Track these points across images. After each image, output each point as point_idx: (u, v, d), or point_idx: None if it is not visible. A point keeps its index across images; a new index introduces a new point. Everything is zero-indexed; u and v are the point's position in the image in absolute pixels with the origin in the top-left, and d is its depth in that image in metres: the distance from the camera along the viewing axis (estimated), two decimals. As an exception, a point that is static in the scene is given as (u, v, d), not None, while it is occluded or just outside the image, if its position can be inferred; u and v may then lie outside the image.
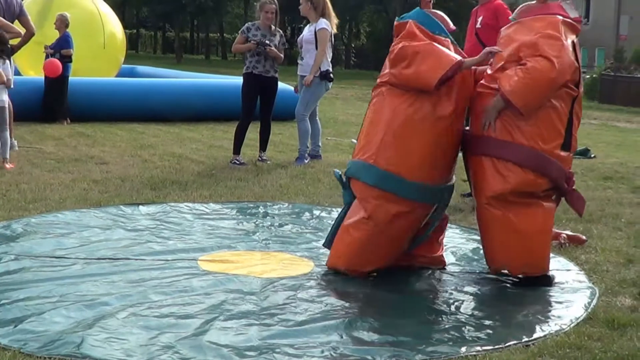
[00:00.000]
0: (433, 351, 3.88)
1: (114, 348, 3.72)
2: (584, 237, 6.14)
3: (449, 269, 5.39)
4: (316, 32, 9.51)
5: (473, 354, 3.85)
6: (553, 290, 4.95)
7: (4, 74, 8.46)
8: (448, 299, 4.73)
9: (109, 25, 16.46)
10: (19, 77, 11.66)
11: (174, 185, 7.82)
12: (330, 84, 9.78)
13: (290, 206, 7.13)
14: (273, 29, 9.46)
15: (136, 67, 19.65)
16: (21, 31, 9.48)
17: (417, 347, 3.92)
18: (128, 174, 8.34)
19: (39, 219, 6.19)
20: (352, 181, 5.08)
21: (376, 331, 4.11)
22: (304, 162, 9.52)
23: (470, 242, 6.09)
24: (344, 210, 5.16)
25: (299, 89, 9.90)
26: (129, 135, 11.66)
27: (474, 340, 4.03)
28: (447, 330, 4.19)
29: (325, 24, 9.53)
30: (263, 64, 9.38)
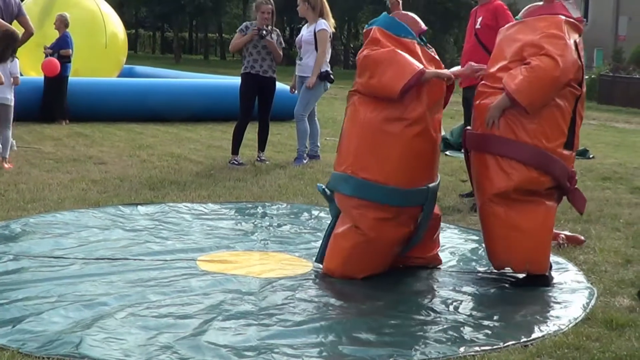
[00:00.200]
0: (431, 351, 3.88)
1: (113, 348, 3.72)
2: (582, 238, 6.14)
3: (448, 269, 5.40)
4: (316, 33, 9.51)
5: (471, 354, 3.85)
6: (551, 291, 4.95)
7: (11, 72, 8.48)
8: (446, 299, 4.73)
9: (111, 26, 16.45)
10: (17, 77, 11.63)
11: (173, 185, 7.82)
12: (329, 84, 9.79)
13: (289, 206, 7.13)
14: (270, 28, 9.46)
15: (135, 67, 19.65)
16: (19, 31, 9.46)
17: (415, 347, 3.92)
18: (127, 174, 8.34)
19: (37, 219, 6.18)
20: (335, 194, 5.13)
21: (374, 331, 4.11)
22: (302, 162, 9.52)
23: (469, 243, 6.10)
24: (332, 223, 5.17)
25: (297, 88, 9.90)
26: (127, 136, 11.66)
27: (473, 341, 4.04)
28: (445, 330, 4.19)
29: (325, 24, 9.53)
30: (260, 63, 9.38)
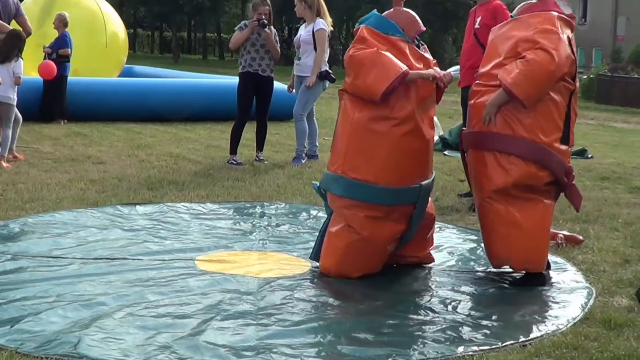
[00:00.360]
0: (430, 351, 3.88)
1: (111, 348, 3.72)
2: (580, 238, 6.14)
3: (446, 269, 5.40)
4: (314, 33, 9.51)
5: (470, 354, 3.85)
6: (550, 290, 4.95)
7: (14, 71, 8.55)
8: (445, 299, 4.73)
9: (111, 25, 16.40)
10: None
11: (171, 185, 7.81)
12: (328, 84, 9.79)
13: (288, 206, 7.13)
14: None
15: (133, 67, 19.61)
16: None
17: (414, 347, 3.92)
18: (125, 173, 8.34)
19: (35, 218, 6.18)
20: (327, 193, 5.14)
21: (373, 331, 4.11)
22: (301, 162, 9.52)
23: (467, 242, 6.10)
24: (326, 221, 5.18)
25: (295, 88, 9.90)
26: (126, 135, 11.65)
27: (471, 340, 4.03)
28: (443, 330, 4.19)
29: (323, 24, 9.52)
30: (259, 62, 9.37)
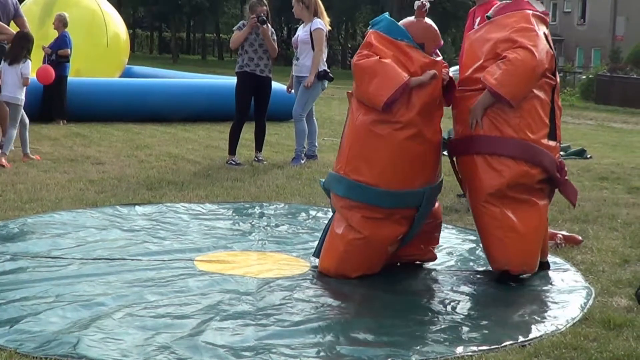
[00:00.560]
0: (429, 351, 3.88)
1: (110, 348, 3.72)
2: (580, 238, 6.14)
3: (445, 269, 5.40)
4: (311, 33, 9.51)
5: (469, 354, 3.85)
6: (549, 291, 4.96)
7: (22, 72, 8.72)
8: (444, 299, 4.73)
9: (113, 26, 16.37)
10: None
11: (170, 185, 7.81)
12: (327, 83, 9.79)
13: (287, 206, 7.13)
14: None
15: (132, 67, 19.60)
16: (15, 32, 9.45)
17: (413, 347, 3.92)
18: (124, 174, 8.34)
19: (35, 219, 6.18)
20: (331, 192, 5.17)
21: (372, 331, 4.11)
22: (300, 162, 9.52)
23: (466, 243, 6.10)
24: (331, 218, 5.21)
25: (294, 88, 9.90)
26: (125, 136, 11.65)
27: (470, 341, 4.04)
28: (443, 330, 4.19)
29: (320, 23, 9.53)
30: (257, 62, 9.35)
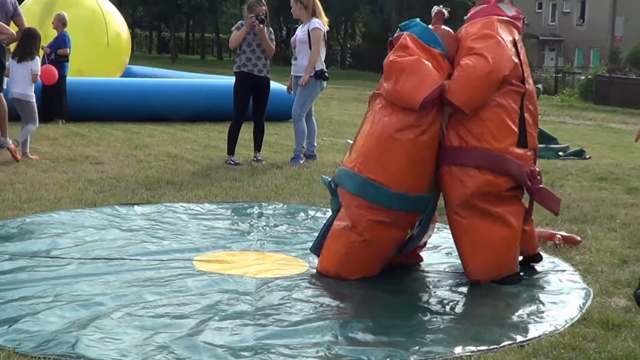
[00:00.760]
0: (428, 351, 3.88)
1: (109, 348, 3.72)
2: (578, 238, 6.14)
3: (444, 269, 5.40)
4: (309, 32, 9.52)
5: (468, 354, 3.86)
6: (548, 291, 4.96)
7: (32, 69, 9.02)
8: (443, 300, 4.73)
9: (114, 25, 16.33)
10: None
11: (169, 185, 7.81)
12: (325, 83, 9.79)
13: (285, 206, 7.13)
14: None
15: (132, 67, 19.59)
16: (14, 32, 9.46)
17: (412, 348, 3.92)
18: (123, 174, 8.33)
19: (33, 218, 6.18)
20: (339, 188, 5.12)
21: (371, 331, 4.11)
22: (299, 162, 9.52)
23: (465, 243, 6.09)
24: (332, 217, 5.18)
25: (293, 89, 9.91)
26: (124, 135, 11.65)
27: (469, 341, 4.03)
28: (441, 330, 4.20)
29: (318, 23, 9.54)
30: (255, 62, 9.33)
